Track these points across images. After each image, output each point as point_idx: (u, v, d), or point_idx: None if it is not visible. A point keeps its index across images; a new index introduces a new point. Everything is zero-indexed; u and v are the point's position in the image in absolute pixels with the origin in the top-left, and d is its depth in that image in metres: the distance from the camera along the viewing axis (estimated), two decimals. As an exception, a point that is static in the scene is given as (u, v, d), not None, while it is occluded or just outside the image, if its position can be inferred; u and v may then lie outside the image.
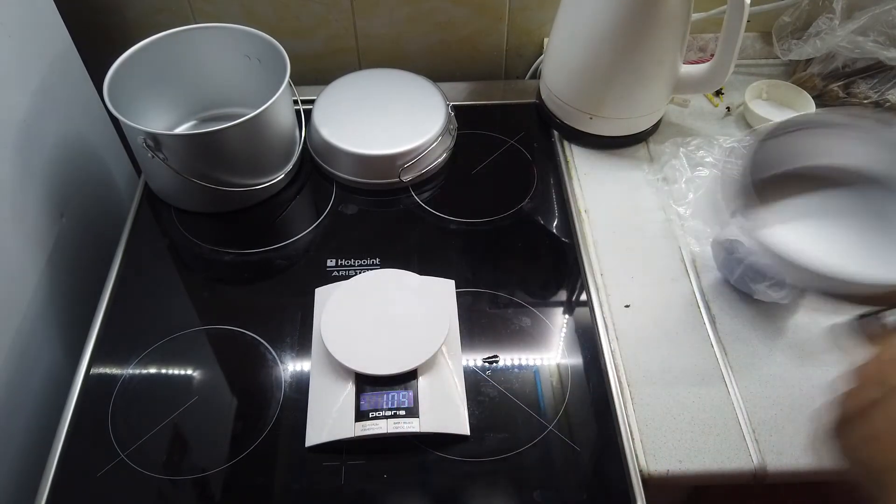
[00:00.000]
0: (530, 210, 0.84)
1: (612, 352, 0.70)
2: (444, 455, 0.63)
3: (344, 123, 0.86)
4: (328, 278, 0.76)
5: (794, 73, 0.98)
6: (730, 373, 0.69)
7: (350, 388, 0.65)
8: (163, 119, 0.90)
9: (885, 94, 0.92)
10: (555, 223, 0.83)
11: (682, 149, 0.87)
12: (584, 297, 0.76)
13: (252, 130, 0.77)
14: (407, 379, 0.65)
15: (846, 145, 0.56)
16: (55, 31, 0.83)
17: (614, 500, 0.61)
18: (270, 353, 0.71)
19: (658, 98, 0.87)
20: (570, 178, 0.88)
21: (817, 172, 0.57)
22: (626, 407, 0.67)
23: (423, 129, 0.85)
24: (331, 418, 0.63)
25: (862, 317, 0.47)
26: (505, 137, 0.93)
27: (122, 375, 0.69)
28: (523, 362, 0.70)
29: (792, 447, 0.64)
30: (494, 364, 0.69)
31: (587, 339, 0.72)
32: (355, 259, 0.78)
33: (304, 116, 0.89)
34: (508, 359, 0.70)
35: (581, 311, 0.74)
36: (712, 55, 0.83)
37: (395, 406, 0.63)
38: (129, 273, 0.78)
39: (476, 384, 0.68)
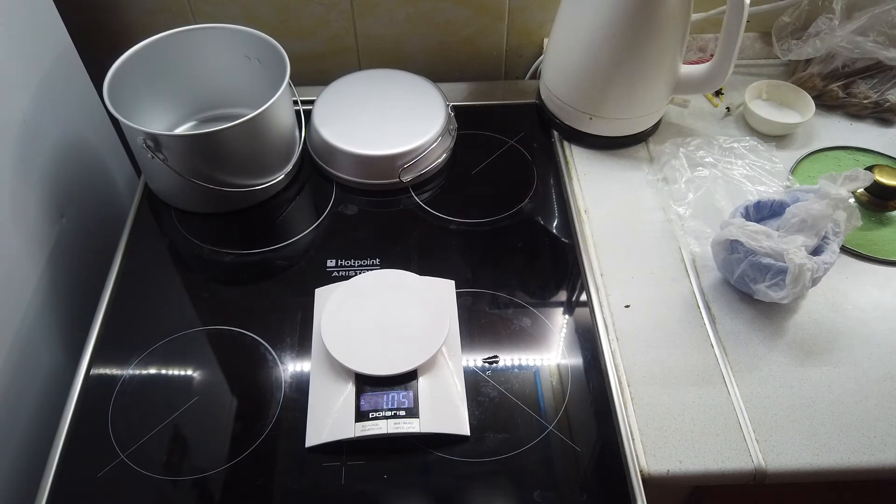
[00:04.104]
0: (530, 210, 0.84)
1: (612, 352, 0.70)
2: (444, 455, 0.63)
3: (344, 124, 0.86)
4: (328, 278, 0.76)
5: (794, 73, 0.98)
6: (730, 373, 0.69)
7: (350, 389, 0.65)
8: (163, 119, 0.90)
9: (885, 94, 0.92)
10: (555, 223, 0.83)
11: (682, 149, 0.87)
12: (583, 297, 0.76)
13: (252, 131, 0.77)
14: (407, 379, 0.65)
15: None
16: (55, 32, 0.83)
17: (614, 500, 0.61)
18: (270, 353, 0.71)
19: (658, 98, 0.87)
20: (570, 178, 0.88)
21: None
22: (626, 407, 0.66)
23: (423, 129, 0.85)
24: (331, 418, 0.63)
25: None
26: (505, 138, 0.93)
27: (122, 376, 0.69)
28: (523, 362, 0.70)
29: (792, 447, 0.64)
30: (494, 364, 0.69)
31: (587, 339, 0.72)
32: (355, 259, 0.78)
33: (304, 117, 0.89)
34: (508, 359, 0.70)
35: (581, 311, 0.74)
36: (712, 55, 0.83)
37: (396, 406, 0.63)
38: (129, 273, 0.78)
39: (476, 384, 0.68)
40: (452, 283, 0.74)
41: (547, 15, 0.98)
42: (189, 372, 0.69)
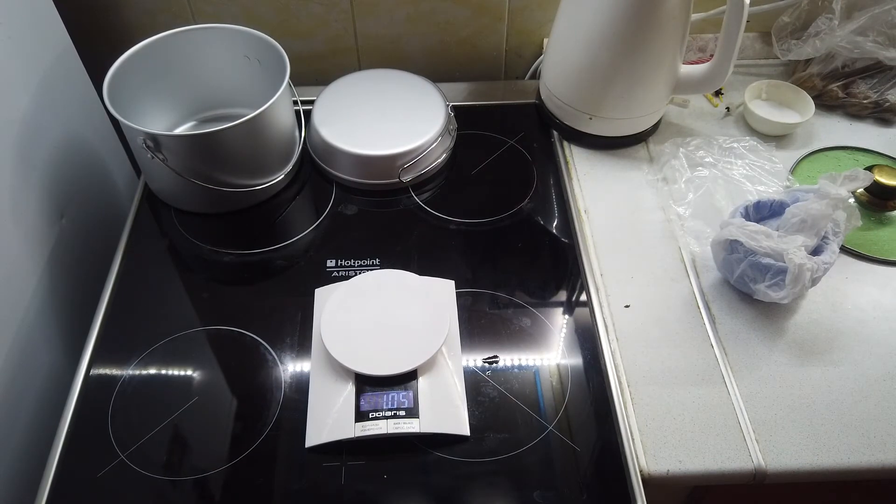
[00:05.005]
0: (530, 210, 0.84)
1: (612, 352, 0.70)
2: (444, 455, 0.63)
3: (344, 124, 0.86)
4: (328, 278, 0.76)
5: (794, 73, 0.98)
6: (730, 373, 0.69)
7: (350, 389, 0.65)
8: (163, 119, 0.90)
9: (885, 94, 0.92)
10: (555, 223, 0.83)
11: (681, 149, 0.87)
12: (583, 297, 0.76)
13: (252, 131, 0.77)
14: (407, 379, 0.65)
15: None
16: (55, 32, 0.83)
17: (614, 500, 0.61)
18: (270, 353, 0.71)
19: (658, 98, 0.87)
20: (570, 178, 0.88)
21: None
22: (626, 407, 0.67)
23: (422, 129, 0.85)
24: (331, 419, 0.63)
25: None
26: (505, 138, 0.93)
27: (122, 376, 0.69)
28: (523, 362, 0.70)
29: (792, 447, 0.64)
30: (494, 364, 0.69)
31: (587, 339, 0.72)
32: (355, 259, 0.78)
33: (304, 117, 0.89)
34: (508, 359, 0.70)
35: (581, 311, 0.74)
36: (712, 55, 0.83)
37: (395, 406, 0.63)
38: (129, 273, 0.78)
39: (476, 384, 0.68)
40: (452, 283, 0.74)
41: (547, 15, 0.98)
42: (189, 372, 0.69)
